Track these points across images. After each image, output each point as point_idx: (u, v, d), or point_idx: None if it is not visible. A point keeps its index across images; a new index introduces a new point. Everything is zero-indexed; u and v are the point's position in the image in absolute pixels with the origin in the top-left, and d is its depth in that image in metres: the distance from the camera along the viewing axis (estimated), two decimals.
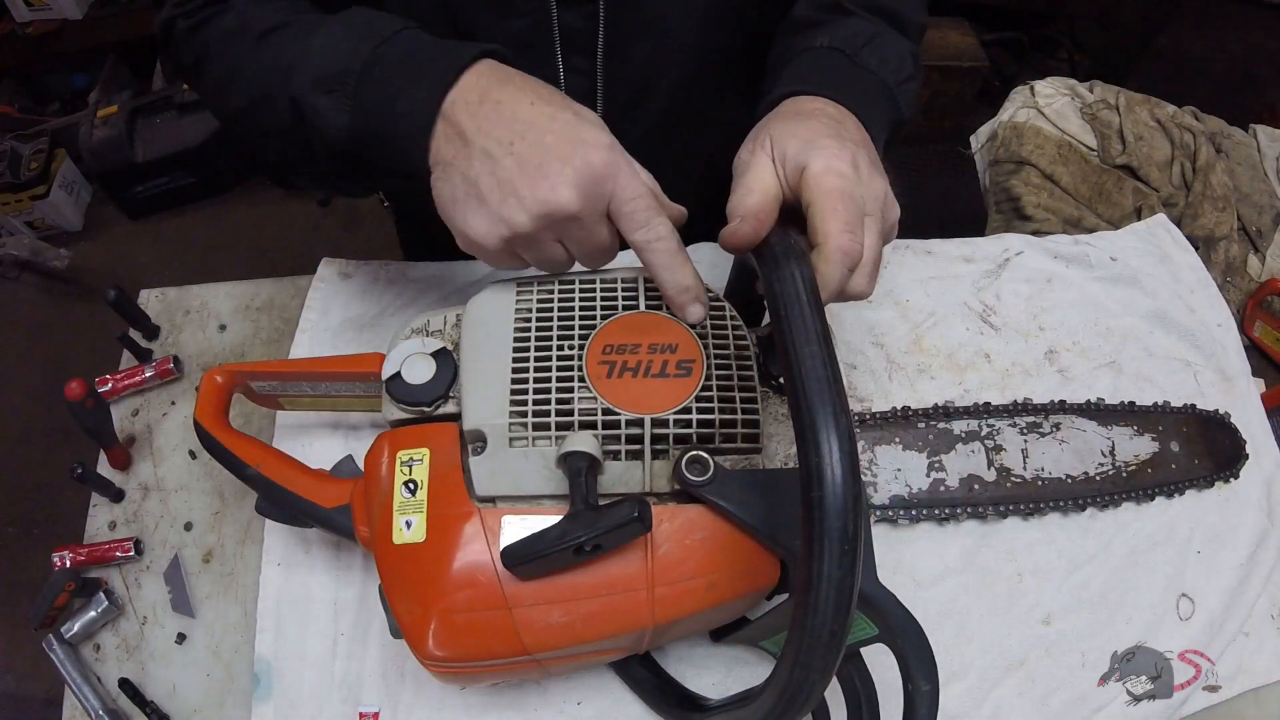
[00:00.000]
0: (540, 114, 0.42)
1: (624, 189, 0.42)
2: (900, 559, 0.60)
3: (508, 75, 0.44)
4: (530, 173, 0.41)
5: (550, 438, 0.43)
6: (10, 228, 1.87)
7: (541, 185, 0.41)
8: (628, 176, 0.42)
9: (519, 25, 0.55)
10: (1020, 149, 0.94)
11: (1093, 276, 0.73)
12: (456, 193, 0.43)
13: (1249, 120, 1.03)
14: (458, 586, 0.42)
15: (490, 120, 0.42)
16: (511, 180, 0.41)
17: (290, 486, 0.51)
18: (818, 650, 0.32)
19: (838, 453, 0.32)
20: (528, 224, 0.41)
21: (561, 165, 0.41)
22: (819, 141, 0.44)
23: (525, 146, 0.41)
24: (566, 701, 0.54)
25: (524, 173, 0.41)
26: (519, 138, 0.41)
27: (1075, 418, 0.63)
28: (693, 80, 0.61)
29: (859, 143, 0.45)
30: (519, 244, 0.43)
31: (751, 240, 0.42)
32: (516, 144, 0.41)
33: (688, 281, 0.44)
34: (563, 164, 0.41)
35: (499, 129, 0.42)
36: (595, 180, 0.41)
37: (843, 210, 0.42)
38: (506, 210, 0.41)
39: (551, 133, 0.41)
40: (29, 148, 1.84)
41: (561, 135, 0.41)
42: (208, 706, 0.56)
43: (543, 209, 0.41)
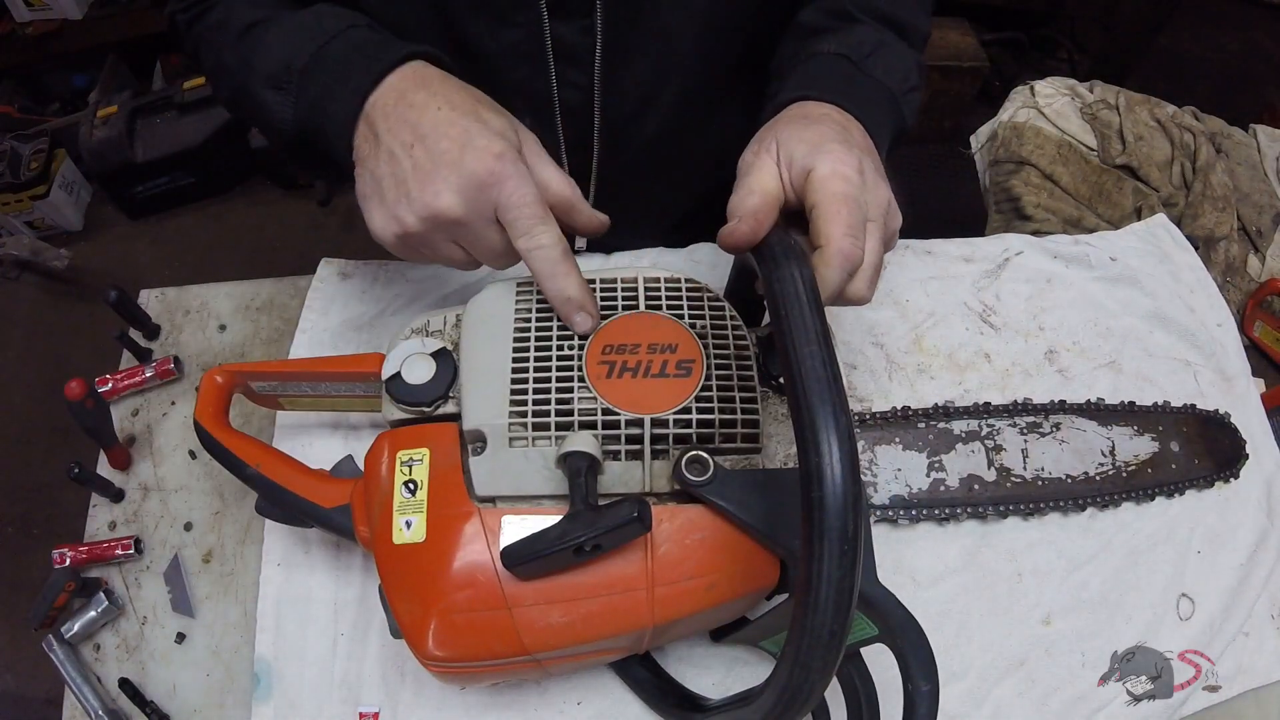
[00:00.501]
0: (443, 118, 0.43)
1: (509, 196, 0.43)
2: (900, 559, 0.60)
3: (428, 78, 0.46)
4: (421, 176, 0.43)
5: (550, 438, 0.43)
6: (10, 228, 1.87)
7: (428, 189, 0.42)
8: (515, 183, 0.43)
9: (512, 36, 0.55)
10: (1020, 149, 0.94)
11: (1093, 276, 0.73)
12: (365, 188, 0.45)
13: (1249, 120, 1.03)
14: (458, 586, 0.42)
15: (399, 122, 0.44)
16: (405, 181, 0.43)
17: (290, 486, 0.51)
18: (818, 650, 0.32)
19: (838, 453, 0.32)
20: (416, 225, 0.43)
21: (448, 171, 0.42)
22: (826, 146, 0.44)
23: (422, 150, 0.43)
24: (566, 701, 0.54)
25: (416, 175, 0.43)
26: (419, 141, 0.43)
27: (1075, 418, 0.63)
28: (694, 90, 0.61)
29: (864, 149, 0.46)
30: (414, 241, 0.45)
31: (750, 240, 0.42)
32: (416, 147, 0.43)
33: (570, 292, 0.45)
34: (449, 170, 0.42)
35: (404, 131, 0.44)
36: (479, 186, 0.42)
37: (846, 214, 0.42)
38: (399, 210, 0.44)
39: (448, 138, 0.43)
40: (29, 148, 1.84)
41: (455, 140, 0.43)
42: (208, 706, 0.56)
43: (427, 212, 0.43)
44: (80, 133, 1.83)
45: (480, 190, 0.43)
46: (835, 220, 0.42)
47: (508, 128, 0.45)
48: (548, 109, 0.59)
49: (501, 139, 0.43)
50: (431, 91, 0.45)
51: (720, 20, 0.57)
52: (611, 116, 0.60)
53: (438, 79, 0.46)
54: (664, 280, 0.49)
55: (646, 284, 0.48)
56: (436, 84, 0.45)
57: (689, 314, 0.47)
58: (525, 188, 0.43)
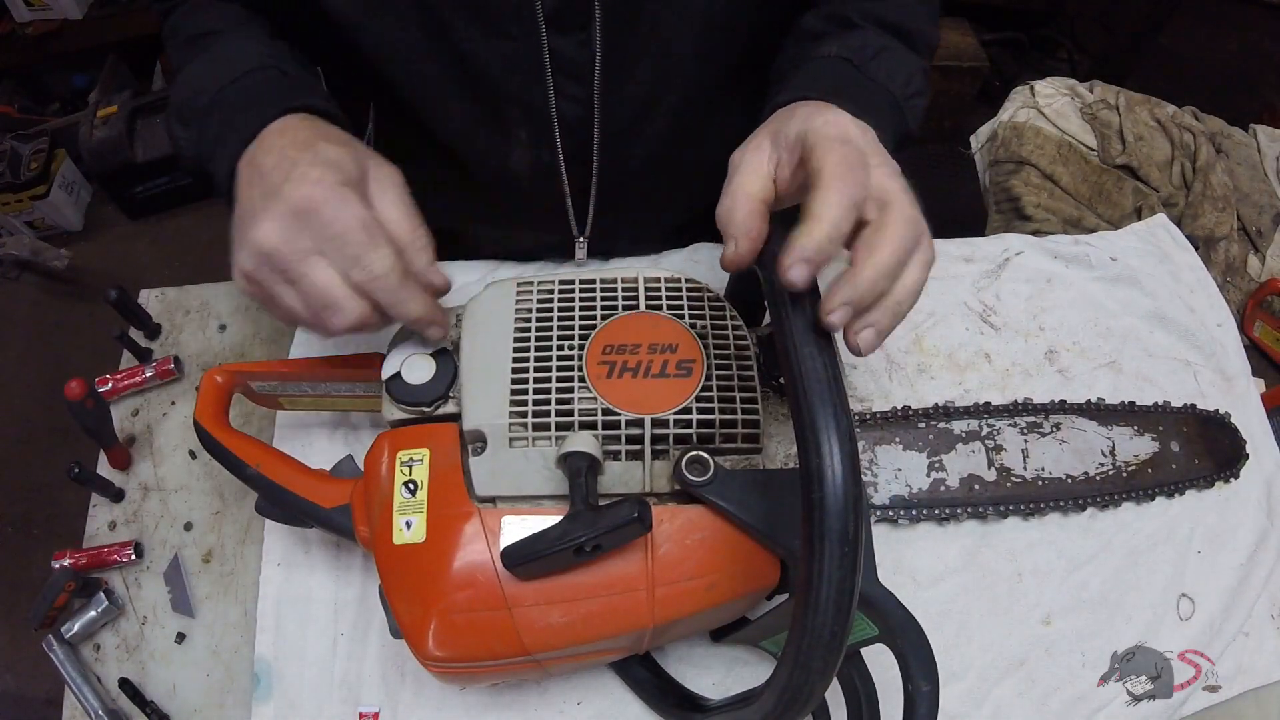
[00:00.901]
0: (280, 156, 0.42)
1: (328, 223, 0.40)
2: (900, 559, 0.60)
3: (294, 126, 0.44)
4: (250, 214, 0.41)
5: (550, 438, 0.43)
6: (10, 228, 1.86)
7: (253, 224, 0.41)
8: (334, 207, 0.40)
9: (509, 49, 0.54)
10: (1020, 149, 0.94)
11: (1093, 276, 0.73)
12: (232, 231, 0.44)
13: (1249, 120, 1.03)
14: (458, 587, 0.42)
15: (253, 172, 0.43)
16: (240, 220, 0.42)
17: (290, 486, 0.51)
18: (818, 651, 0.32)
19: (838, 454, 0.32)
20: (248, 263, 0.41)
21: (269, 202, 0.40)
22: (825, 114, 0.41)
23: (258, 188, 0.42)
24: (566, 701, 0.54)
25: (248, 214, 0.42)
26: (258, 180, 0.42)
27: (1075, 418, 0.63)
28: (693, 98, 0.60)
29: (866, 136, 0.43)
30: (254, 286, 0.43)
31: (749, 258, 0.40)
32: (254, 186, 0.42)
33: (417, 313, 0.43)
34: (270, 200, 0.41)
35: (251, 175, 0.43)
36: (295, 214, 0.40)
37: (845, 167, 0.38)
38: (237, 253, 0.42)
39: (277, 170, 0.41)
40: (29, 148, 1.84)
41: (284, 173, 0.41)
42: (208, 706, 0.56)
43: (251, 247, 0.41)
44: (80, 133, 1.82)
45: (297, 218, 0.40)
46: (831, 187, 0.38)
47: (345, 157, 0.42)
48: (546, 122, 0.58)
49: (328, 167, 0.41)
50: (288, 139, 0.43)
51: (718, 28, 0.56)
52: (611, 128, 0.59)
53: (304, 126, 0.45)
54: (664, 280, 0.49)
55: (647, 284, 0.48)
56: (296, 130, 0.44)
57: (689, 314, 0.47)
58: (346, 211, 0.40)
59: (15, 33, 1.83)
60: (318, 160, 0.41)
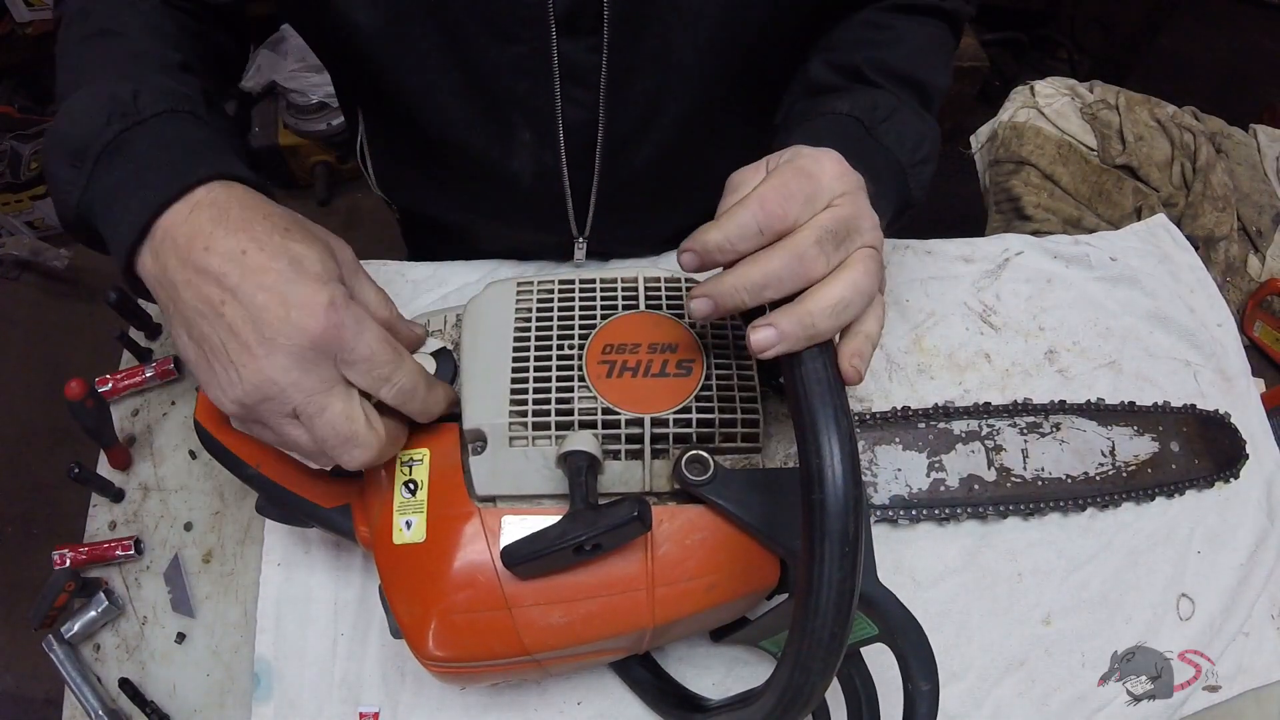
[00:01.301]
0: (253, 265, 0.37)
1: (353, 350, 0.38)
2: (900, 559, 0.60)
3: (226, 207, 0.38)
4: (242, 344, 0.36)
5: (550, 437, 0.43)
6: (10, 228, 1.86)
7: (256, 359, 0.36)
8: (354, 332, 0.38)
9: (517, 52, 0.54)
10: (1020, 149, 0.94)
11: (1093, 276, 0.73)
12: (188, 352, 0.39)
13: (1249, 120, 1.03)
14: (458, 586, 0.42)
15: (198, 274, 0.37)
16: (225, 350, 0.37)
17: (290, 486, 0.51)
18: (818, 651, 0.32)
19: (839, 454, 0.32)
20: (250, 399, 0.37)
21: (274, 333, 0.36)
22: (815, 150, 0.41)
23: (236, 309, 0.36)
24: (566, 702, 0.54)
25: (236, 343, 0.36)
26: (229, 296, 0.36)
27: (1075, 418, 0.63)
28: (698, 107, 0.60)
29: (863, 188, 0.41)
30: (251, 420, 0.39)
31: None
32: (227, 305, 0.36)
33: (439, 409, 0.44)
34: (275, 331, 0.36)
35: (208, 286, 0.37)
36: (314, 347, 0.37)
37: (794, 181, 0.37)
38: (227, 383, 0.37)
39: (264, 289, 0.36)
40: (29, 148, 1.84)
41: (274, 294, 0.36)
42: (208, 706, 0.56)
43: (258, 385, 0.36)
44: None
45: (316, 349, 0.37)
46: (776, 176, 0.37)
47: (325, 258, 0.39)
48: (550, 125, 0.58)
49: (325, 283, 0.38)
50: (231, 228, 0.38)
51: (724, 39, 0.56)
52: (613, 134, 0.59)
53: (237, 207, 0.39)
54: (664, 280, 0.49)
55: (647, 284, 0.48)
56: (236, 215, 0.38)
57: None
58: (367, 334, 0.38)
59: (15, 33, 1.84)
60: (308, 275, 0.37)
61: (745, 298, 0.37)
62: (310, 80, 1.85)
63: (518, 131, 0.59)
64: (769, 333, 0.36)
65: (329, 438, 0.38)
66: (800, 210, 0.37)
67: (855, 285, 0.37)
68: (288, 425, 0.38)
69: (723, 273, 0.38)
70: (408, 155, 0.69)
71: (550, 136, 0.59)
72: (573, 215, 0.66)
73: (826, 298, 0.36)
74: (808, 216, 0.37)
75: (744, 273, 0.37)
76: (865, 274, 0.38)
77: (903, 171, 0.51)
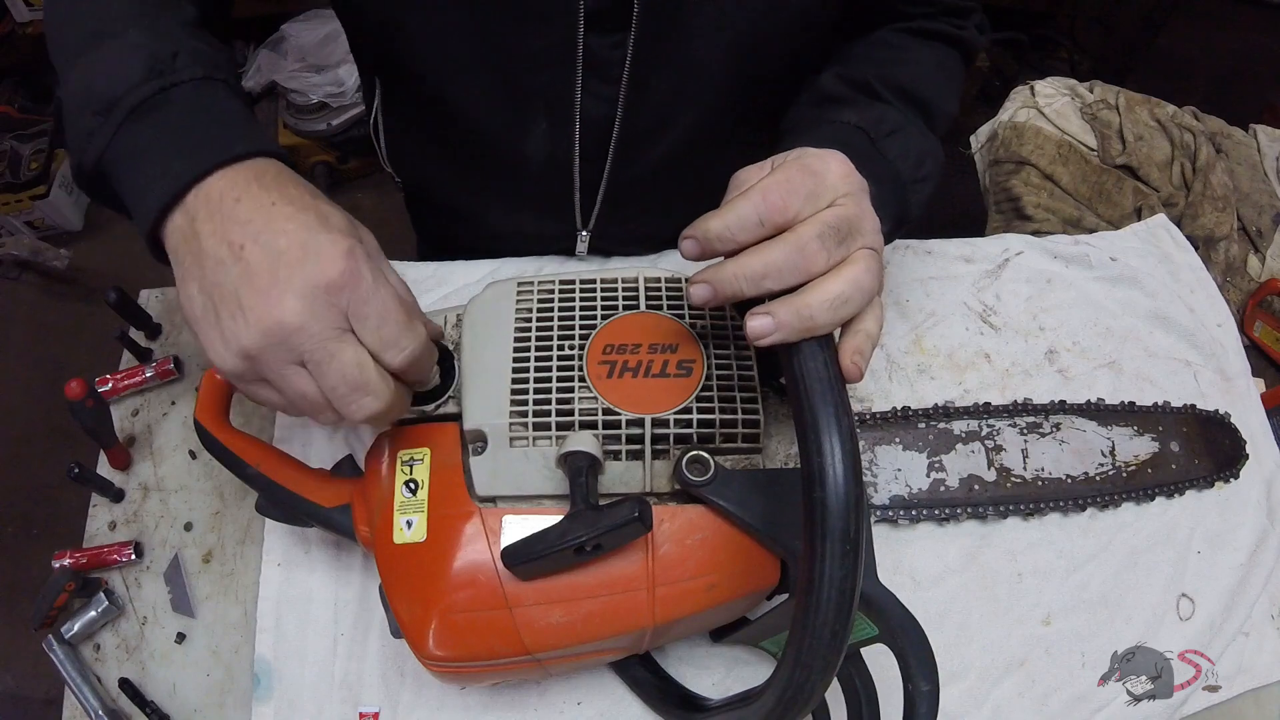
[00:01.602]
0: (279, 214, 0.37)
1: (366, 303, 0.37)
2: (900, 559, 0.60)
3: (264, 173, 0.39)
4: (254, 282, 0.36)
5: (551, 438, 0.43)
6: (10, 228, 1.87)
7: (266, 296, 0.35)
8: (371, 286, 0.37)
9: (542, 43, 0.54)
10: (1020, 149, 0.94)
11: (1093, 276, 0.73)
12: (195, 306, 0.37)
13: (1249, 120, 1.03)
14: (458, 586, 0.42)
15: (226, 221, 0.37)
16: (236, 291, 0.36)
17: (290, 486, 0.51)
18: (819, 650, 0.32)
19: (839, 453, 0.32)
20: (255, 343, 0.36)
21: (289, 272, 0.35)
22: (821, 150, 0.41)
23: (257, 251, 0.36)
24: (566, 702, 0.54)
25: (249, 281, 0.36)
26: (251, 240, 0.36)
27: (1075, 418, 0.63)
28: (714, 113, 0.61)
29: None
30: (254, 367, 0.37)
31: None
32: (247, 248, 0.36)
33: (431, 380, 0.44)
34: (290, 270, 0.35)
35: (233, 230, 0.36)
36: (328, 289, 0.36)
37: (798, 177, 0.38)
38: (234, 326, 0.36)
39: (285, 234, 0.36)
40: (29, 148, 1.84)
41: (295, 238, 0.36)
42: (208, 706, 0.56)
43: (265, 324, 0.35)
44: None
45: (330, 294, 0.36)
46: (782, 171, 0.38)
47: (350, 225, 0.39)
48: (568, 116, 0.58)
49: (346, 235, 0.38)
50: (265, 185, 0.38)
51: (748, 50, 0.56)
52: (629, 130, 0.60)
53: (273, 173, 0.39)
54: (664, 280, 0.49)
55: (647, 284, 0.48)
56: (272, 178, 0.39)
57: (689, 314, 0.47)
58: (384, 289, 0.38)
59: (15, 33, 1.84)
60: (331, 226, 0.37)
61: (744, 286, 0.37)
62: (310, 80, 1.85)
63: (535, 118, 0.60)
64: (766, 321, 0.36)
65: (338, 385, 0.37)
66: (802, 205, 0.37)
67: (855, 282, 0.37)
68: (294, 376, 0.37)
69: (724, 261, 0.38)
70: (421, 130, 0.69)
71: (566, 126, 0.59)
72: (579, 206, 0.66)
73: (826, 292, 0.37)
74: (810, 212, 0.38)
75: (744, 262, 0.37)
76: (866, 272, 0.38)
77: (903, 186, 0.51)
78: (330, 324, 0.36)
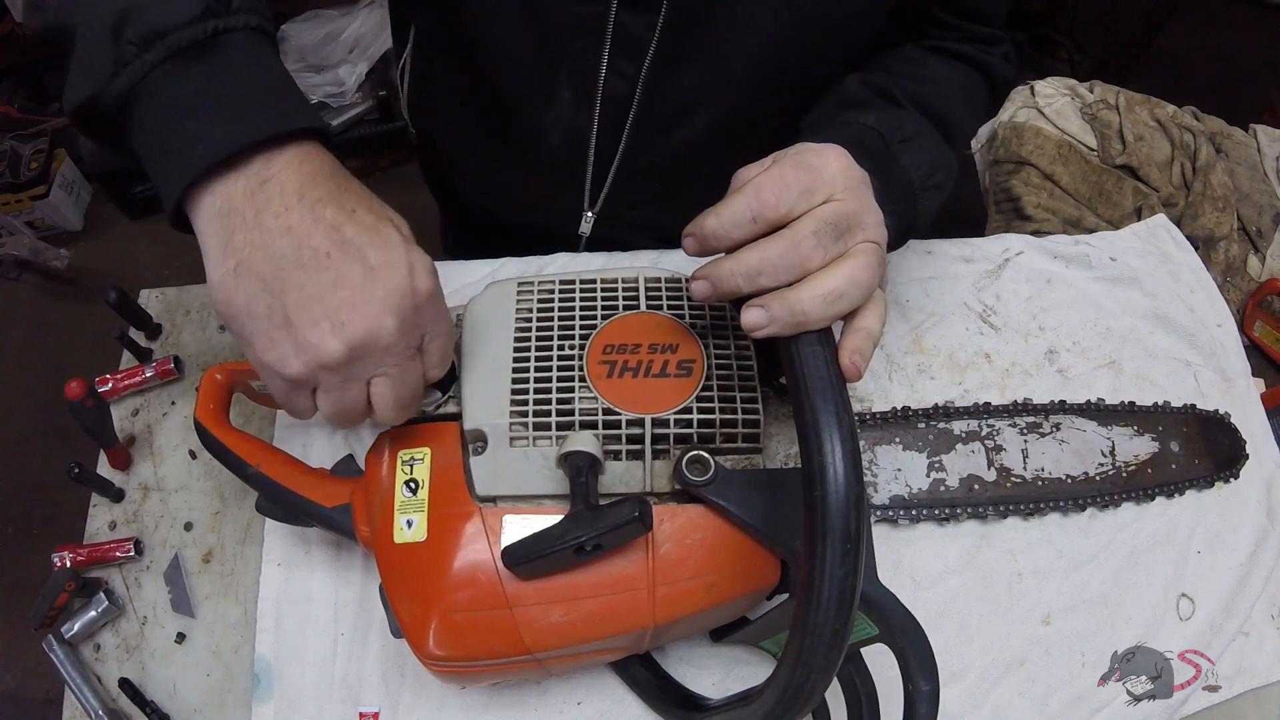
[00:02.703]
0: (366, 225, 0.36)
1: (438, 322, 0.39)
2: (900, 559, 0.60)
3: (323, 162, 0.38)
4: (348, 295, 0.35)
5: (551, 438, 0.43)
6: (10, 228, 1.87)
7: (364, 309, 0.35)
8: (441, 306, 0.39)
9: (580, 12, 0.55)
10: (1020, 149, 0.94)
11: (1093, 276, 0.73)
12: (249, 300, 0.35)
13: (1249, 120, 1.04)
14: (459, 586, 0.42)
15: (305, 221, 0.35)
16: (322, 298, 0.35)
17: (291, 486, 0.51)
18: (819, 650, 0.32)
19: (840, 453, 0.32)
20: (340, 356, 0.35)
21: (385, 289, 0.35)
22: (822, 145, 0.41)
23: (346, 264, 0.35)
24: (566, 701, 0.54)
25: (339, 293, 0.35)
26: (338, 250, 0.35)
27: (1075, 418, 0.63)
28: (733, 110, 0.61)
29: None
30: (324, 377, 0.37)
31: None
32: (334, 257, 0.35)
33: None
34: (386, 286, 0.36)
35: (317, 235, 0.35)
36: (415, 310, 0.37)
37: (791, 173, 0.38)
38: (317, 335, 0.35)
39: (377, 249, 0.36)
40: (29, 148, 1.84)
41: (383, 253, 0.36)
42: (208, 706, 0.56)
43: (356, 339, 0.35)
44: None
45: (416, 313, 0.37)
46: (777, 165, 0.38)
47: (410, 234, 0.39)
48: (590, 90, 0.59)
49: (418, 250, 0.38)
50: (336, 181, 0.37)
51: (773, 55, 0.57)
52: (647, 115, 0.60)
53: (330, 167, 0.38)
54: (664, 280, 0.49)
55: (647, 284, 0.48)
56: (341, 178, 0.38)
57: (689, 314, 0.47)
58: (444, 306, 0.40)
59: (15, 33, 1.84)
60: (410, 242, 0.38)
61: (740, 282, 0.38)
62: (310, 80, 1.85)
63: (560, 88, 0.60)
64: (759, 313, 0.36)
65: (404, 400, 0.39)
66: (796, 201, 0.37)
67: (851, 277, 0.37)
68: (357, 389, 0.38)
69: (723, 257, 0.39)
70: (447, 84, 0.70)
71: (588, 100, 0.60)
72: (589, 184, 0.67)
73: (819, 287, 0.37)
74: (804, 208, 0.38)
75: (741, 258, 0.38)
76: (863, 267, 0.38)
77: (913, 194, 0.51)
78: (412, 342, 0.38)
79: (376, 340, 0.36)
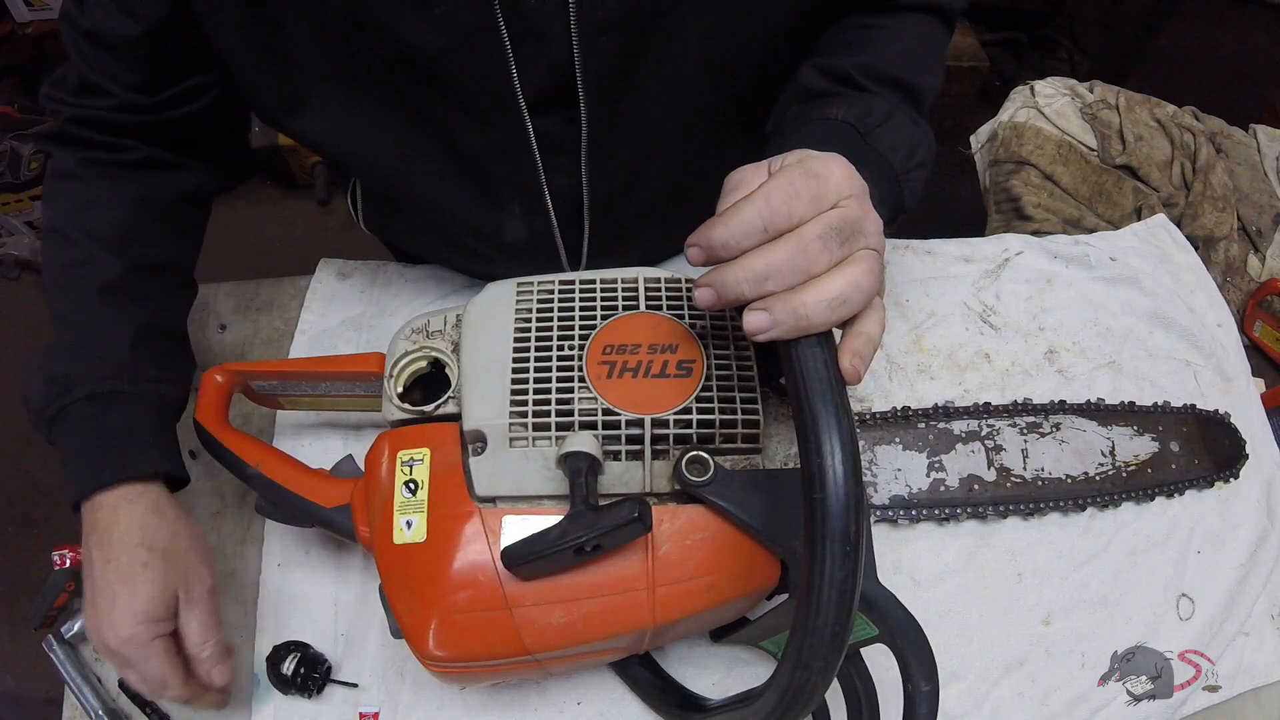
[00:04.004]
0: (108, 578, 0.48)
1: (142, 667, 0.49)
2: (900, 559, 0.60)
3: (127, 517, 0.49)
4: (103, 608, 0.48)
5: (550, 438, 0.43)
6: (10, 228, 1.86)
7: (100, 625, 0.48)
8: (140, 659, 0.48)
9: (495, 134, 0.53)
10: (1020, 149, 0.94)
11: (1092, 276, 0.73)
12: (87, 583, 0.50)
13: (1249, 120, 1.03)
14: (458, 586, 0.42)
15: (101, 553, 0.49)
16: (99, 605, 0.48)
17: (290, 486, 0.51)
18: (819, 651, 0.32)
19: (840, 454, 0.32)
20: (107, 642, 0.48)
21: (104, 618, 0.48)
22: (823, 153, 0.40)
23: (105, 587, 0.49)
24: (566, 701, 0.54)
25: (104, 604, 0.48)
26: (105, 571, 0.49)
27: (1075, 418, 0.63)
28: (684, 156, 0.60)
29: None
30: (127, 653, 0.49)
31: None
32: (103, 581, 0.49)
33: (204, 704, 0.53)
34: (104, 616, 0.48)
35: (99, 564, 0.49)
36: (110, 652, 0.48)
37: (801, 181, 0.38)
38: (101, 628, 0.48)
39: (103, 597, 0.49)
40: (29, 148, 1.84)
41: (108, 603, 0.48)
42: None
43: (101, 638, 0.48)
44: None
45: (122, 649, 0.48)
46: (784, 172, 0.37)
47: (156, 599, 0.48)
48: (538, 196, 0.58)
49: (137, 622, 0.48)
50: (127, 534, 0.49)
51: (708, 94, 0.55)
52: (599, 196, 0.59)
53: (138, 524, 0.50)
54: (664, 280, 0.49)
55: (647, 284, 0.48)
56: (132, 522, 0.50)
57: (689, 314, 0.47)
58: (153, 661, 0.48)
59: (15, 33, 1.84)
60: (135, 609, 0.48)
61: (746, 289, 0.37)
62: None
63: (508, 204, 0.59)
64: (763, 316, 0.36)
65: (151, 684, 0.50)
66: (805, 210, 0.37)
67: (854, 282, 0.37)
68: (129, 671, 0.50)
69: (727, 263, 0.38)
70: (400, 213, 0.70)
71: (539, 206, 0.59)
72: (565, 260, 0.66)
73: (823, 290, 0.36)
74: (812, 215, 0.37)
75: (747, 263, 0.37)
76: (866, 273, 0.38)
77: (896, 178, 0.50)
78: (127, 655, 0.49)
79: (106, 642, 0.48)
